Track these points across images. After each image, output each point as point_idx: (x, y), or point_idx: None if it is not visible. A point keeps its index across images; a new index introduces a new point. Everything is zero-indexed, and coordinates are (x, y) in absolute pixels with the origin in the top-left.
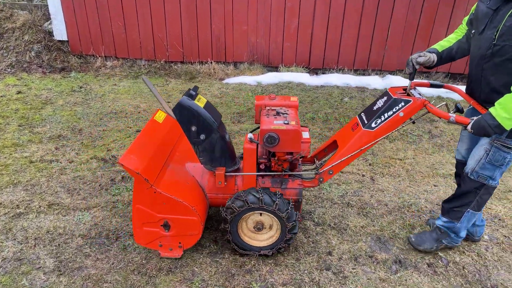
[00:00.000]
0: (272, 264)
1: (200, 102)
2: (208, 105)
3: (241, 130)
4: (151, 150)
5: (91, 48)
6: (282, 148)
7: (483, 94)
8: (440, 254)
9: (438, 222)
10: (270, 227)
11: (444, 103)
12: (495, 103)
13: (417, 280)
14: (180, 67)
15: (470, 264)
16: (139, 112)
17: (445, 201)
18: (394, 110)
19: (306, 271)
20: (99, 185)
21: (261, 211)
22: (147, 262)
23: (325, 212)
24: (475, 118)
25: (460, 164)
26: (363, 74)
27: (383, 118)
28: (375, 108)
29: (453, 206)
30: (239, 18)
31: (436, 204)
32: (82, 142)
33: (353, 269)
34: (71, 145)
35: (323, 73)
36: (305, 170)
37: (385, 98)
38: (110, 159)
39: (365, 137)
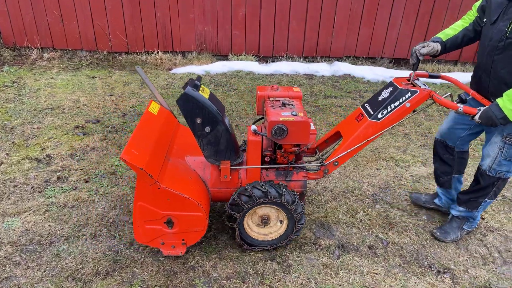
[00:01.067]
0: (217, 259)
1: (204, 93)
2: (212, 96)
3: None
4: (151, 143)
5: (25, 39)
6: (291, 140)
7: (492, 85)
8: (380, 236)
9: (454, 212)
10: (277, 221)
11: (449, 93)
12: (503, 94)
13: (358, 263)
14: (125, 57)
15: (409, 244)
16: (78, 107)
17: (462, 193)
18: (400, 100)
19: (250, 263)
20: (32, 188)
21: (269, 205)
22: (83, 267)
23: None
24: (482, 108)
25: (438, 143)
26: (313, 61)
27: (389, 109)
28: (380, 98)
29: (470, 198)
30: (185, 6)
31: (378, 187)
32: (13, 142)
33: (297, 257)
34: (0, 145)
35: (273, 61)
36: (307, 162)
37: (391, 88)
38: (45, 158)
39: (371, 128)
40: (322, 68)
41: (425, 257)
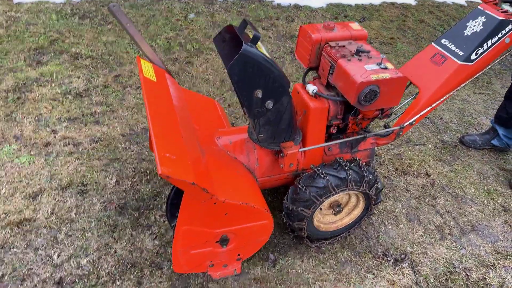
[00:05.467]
0: None
1: (261, 50)
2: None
3: (42, 76)
4: (177, 133)
5: None
6: (379, 105)
7: None
8: None
9: (502, 132)
10: (349, 204)
11: None
12: None
13: (301, 268)
14: None
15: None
16: None
17: None
18: (500, 35)
19: None
20: None
21: (348, 191)
22: None
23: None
24: None
25: None
26: None
27: (486, 47)
28: (468, 33)
29: None
30: None
31: None
32: None
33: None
34: None
35: None
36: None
37: (483, 19)
38: None
39: (462, 73)
40: None
41: (377, 240)
